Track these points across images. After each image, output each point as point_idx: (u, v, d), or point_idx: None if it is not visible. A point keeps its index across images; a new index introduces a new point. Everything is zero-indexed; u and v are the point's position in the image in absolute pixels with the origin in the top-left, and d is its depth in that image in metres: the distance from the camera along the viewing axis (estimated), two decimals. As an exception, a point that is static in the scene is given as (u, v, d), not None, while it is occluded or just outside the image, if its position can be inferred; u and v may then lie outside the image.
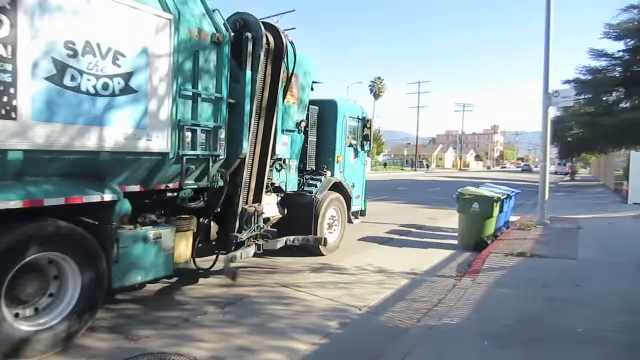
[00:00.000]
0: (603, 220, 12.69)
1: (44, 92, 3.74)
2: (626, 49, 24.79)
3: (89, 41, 4.02)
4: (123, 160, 4.46)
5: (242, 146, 5.77)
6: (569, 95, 11.85)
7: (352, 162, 8.96)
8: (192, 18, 4.99)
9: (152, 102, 4.59)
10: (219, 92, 5.35)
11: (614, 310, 5.06)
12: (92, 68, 4.06)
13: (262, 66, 5.99)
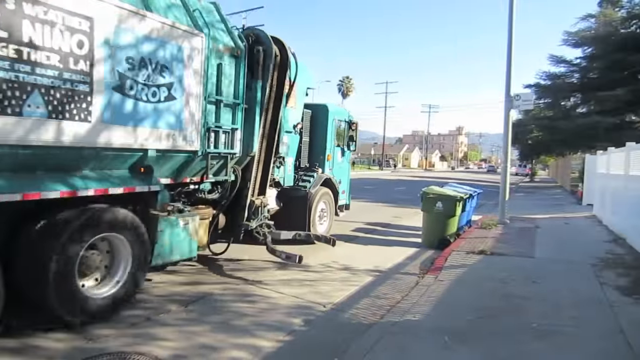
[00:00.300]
0: (559, 220, 13.19)
1: (108, 98, 4.53)
2: (584, 56, 25.87)
3: (143, 57, 4.84)
4: (164, 157, 5.30)
5: (253, 145, 6.72)
6: (530, 99, 12.25)
7: (340, 160, 10.00)
8: (217, 35, 5.93)
9: (187, 107, 5.46)
10: (236, 98, 6.26)
11: (567, 305, 5.28)
12: (145, 79, 4.89)
13: (270, 75, 6.87)
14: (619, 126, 22.30)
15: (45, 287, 4.03)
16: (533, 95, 13.94)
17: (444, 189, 9.96)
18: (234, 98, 6.23)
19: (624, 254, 8.28)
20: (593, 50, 24.56)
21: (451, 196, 9.18)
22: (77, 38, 4.20)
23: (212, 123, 5.90)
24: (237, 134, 6.36)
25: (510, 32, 11.82)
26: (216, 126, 5.96)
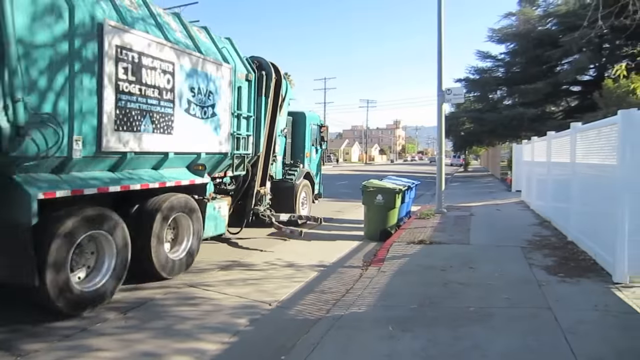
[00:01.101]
0: (492, 207, 13.92)
1: (181, 118, 6.30)
2: (507, 52, 27.41)
3: (200, 86, 6.70)
4: (209, 158, 7.19)
5: (259, 147, 8.85)
6: (460, 93, 12.77)
7: (314, 157, 12.18)
8: (237, 65, 7.98)
9: (222, 121, 7.34)
10: (249, 111, 8.39)
11: (501, 287, 5.58)
12: (200, 102, 6.71)
13: (271, 93, 8.94)
14: (541, 116, 23.88)
15: (149, 252, 5.66)
16: (463, 89, 14.55)
17: (383, 182, 10.19)
18: (247, 111, 8.30)
19: (550, 235, 8.88)
20: (515, 46, 26.13)
21: (390, 189, 9.41)
22: (167, 77, 5.98)
23: (235, 131, 7.85)
24: (250, 138, 8.44)
25: (440, 30, 12.27)
26: (237, 133, 7.94)
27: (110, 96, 5.08)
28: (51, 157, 4.51)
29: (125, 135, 5.31)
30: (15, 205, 4.27)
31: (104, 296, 5.02)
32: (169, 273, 6.01)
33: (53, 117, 4.47)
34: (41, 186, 4.43)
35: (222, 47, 7.66)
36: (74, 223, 4.58)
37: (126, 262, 5.28)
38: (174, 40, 6.25)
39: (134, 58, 5.36)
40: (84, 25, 4.74)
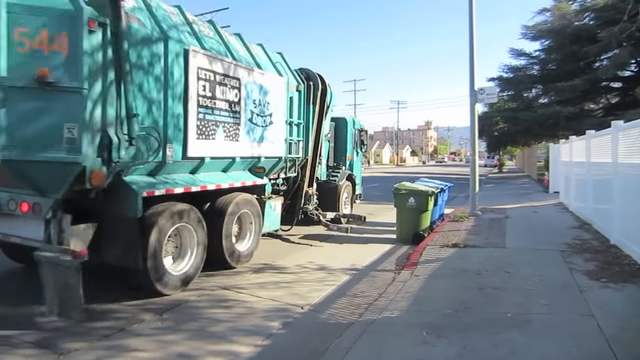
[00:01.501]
0: (528, 209, 13.54)
1: (246, 126, 7.12)
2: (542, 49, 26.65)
3: (260, 98, 7.43)
4: (268, 162, 7.93)
5: (308, 151, 9.55)
6: (493, 93, 12.49)
7: (355, 159, 12.83)
8: (289, 78, 8.73)
9: (278, 128, 8.08)
10: (300, 119, 9.11)
11: (539, 293, 5.40)
12: (260, 111, 7.46)
13: (317, 101, 9.64)
14: (579, 115, 23.08)
15: (220, 244, 6.52)
16: (496, 88, 14.25)
17: (415, 184, 10.06)
18: (298, 119, 9.03)
19: (591, 238, 8.55)
20: (550, 43, 25.36)
21: (423, 191, 9.28)
22: (235, 91, 6.77)
23: (288, 137, 8.57)
24: (300, 143, 9.15)
25: (471, 30, 12.04)
26: (290, 139, 8.67)
27: (193, 110, 5.93)
28: (151, 162, 5.42)
29: (204, 143, 6.18)
30: (125, 201, 5.13)
31: (187, 280, 5.83)
32: (236, 263, 6.89)
33: (154, 129, 5.34)
34: (143, 186, 5.31)
35: (276, 61, 8.50)
36: (167, 217, 5.46)
37: (204, 252, 6.10)
38: (239, 59, 7.07)
39: (210, 77, 6.22)
40: (175, 52, 5.62)
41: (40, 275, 4.65)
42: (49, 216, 4.73)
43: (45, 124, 4.53)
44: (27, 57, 4.45)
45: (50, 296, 4.62)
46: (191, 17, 6.47)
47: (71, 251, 4.55)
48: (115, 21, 4.74)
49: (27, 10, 4.42)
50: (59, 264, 4.52)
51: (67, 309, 4.58)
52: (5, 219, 5.04)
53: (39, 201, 4.75)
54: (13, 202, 4.92)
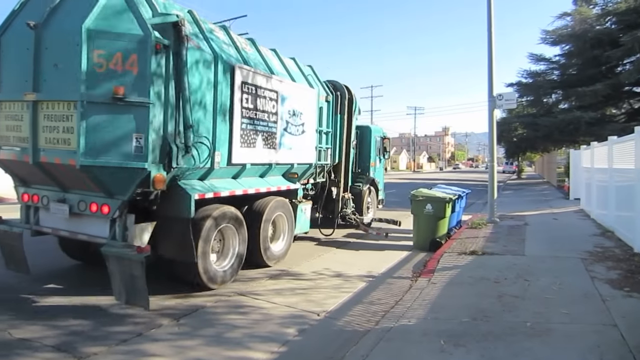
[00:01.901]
0: (548, 216, 13.31)
1: (282, 135, 7.61)
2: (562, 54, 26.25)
3: (294, 108, 7.94)
4: (300, 168, 8.46)
5: (336, 158, 10.10)
6: (512, 99, 12.34)
7: (378, 166, 13.12)
8: (319, 89, 9.23)
9: (310, 136, 8.61)
10: (328, 127, 9.65)
11: (560, 302, 5.29)
12: (293, 121, 7.95)
13: (345, 111, 10.16)
14: (600, 120, 22.63)
15: (258, 244, 7.07)
16: (515, 94, 14.10)
17: (432, 190, 9.98)
18: (327, 127, 9.56)
19: (613, 247, 8.36)
20: (571, 48, 24.94)
21: (440, 198, 9.20)
22: (272, 103, 7.27)
23: (318, 145, 9.06)
24: (329, 151, 9.70)
25: (490, 35, 11.95)
26: (319, 147, 9.16)
27: (237, 121, 6.48)
28: (202, 168, 5.96)
29: (245, 151, 6.73)
30: (180, 203, 5.67)
31: (228, 276, 6.35)
32: (272, 262, 7.43)
33: (206, 138, 5.92)
34: (195, 189, 5.87)
35: (308, 74, 9.06)
36: (214, 218, 6.02)
37: (244, 251, 6.65)
38: (276, 72, 7.59)
39: (252, 90, 6.75)
40: (223, 69, 6.15)
41: (108, 268, 5.15)
42: (116, 215, 5.30)
43: (117, 134, 5.08)
44: (103, 76, 4.99)
45: (118, 286, 5.13)
46: (235, 36, 7.08)
47: (136, 247, 5.09)
48: (176, 43, 5.31)
49: (105, 35, 4.99)
50: (124, 258, 5.03)
51: (135, 297, 5.03)
52: (74, 219, 5.62)
53: (107, 202, 5.33)
54: (83, 203, 5.49)
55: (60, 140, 5.17)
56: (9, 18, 5.72)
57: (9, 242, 6.13)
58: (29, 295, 5.67)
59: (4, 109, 5.68)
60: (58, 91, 5.14)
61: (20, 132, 5.50)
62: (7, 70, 5.66)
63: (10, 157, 5.66)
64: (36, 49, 5.21)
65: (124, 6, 5.14)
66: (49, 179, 5.57)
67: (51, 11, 5.26)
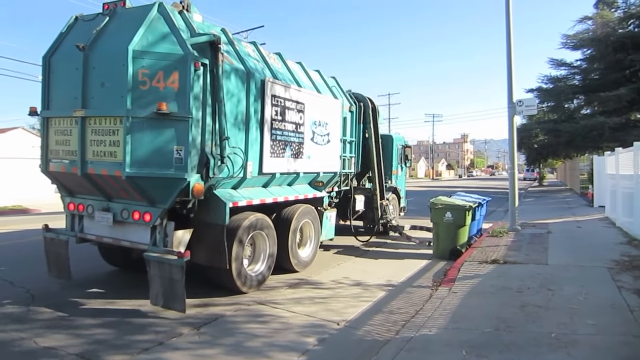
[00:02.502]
0: (571, 224, 13.03)
1: (308, 145, 7.90)
2: (584, 58, 25.81)
3: (319, 119, 8.24)
4: (325, 176, 8.75)
5: (359, 166, 10.40)
6: (533, 104, 12.17)
7: (400, 174, 13.32)
8: (343, 99, 9.55)
9: (335, 146, 8.91)
10: (352, 137, 9.91)
11: (586, 312, 5.17)
12: (319, 131, 8.24)
13: (370, 120, 10.44)
14: (625, 125, 22.12)
15: (287, 250, 7.30)
16: (536, 100, 13.87)
17: (452, 198, 9.88)
18: (350, 137, 9.82)
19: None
20: (592, 52, 24.52)
21: (460, 206, 9.10)
22: (299, 114, 7.56)
23: (342, 154, 9.34)
24: (353, 159, 9.99)
25: (509, 41, 11.84)
26: (344, 155, 9.44)
27: (267, 132, 6.77)
28: (235, 177, 6.26)
29: (275, 161, 7.03)
30: (216, 211, 5.96)
31: (262, 280, 6.68)
32: (300, 268, 7.64)
33: (239, 149, 6.23)
34: (230, 198, 6.15)
35: (332, 85, 9.35)
36: (247, 225, 6.30)
37: (274, 256, 6.90)
38: (303, 85, 7.90)
39: (281, 102, 7.07)
40: (255, 83, 6.47)
41: (148, 272, 5.44)
42: (157, 223, 5.59)
43: (159, 146, 5.43)
44: (147, 93, 5.35)
45: (156, 290, 5.38)
46: (264, 51, 7.37)
47: (176, 252, 5.34)
48: (212, 61, 5.69)
49: (149, 55, 5.37)
50: (165, 263, 5.31)
51: (172, 301, 5.27)
52: (117, 227, 5.95)
53: (149, 210, 5.64)
54: (126, 212, 5.81)
55: (106, 153, 5.52)
56: (57, 40, 6.12)
57: (54, 250, 6.42)
58: (58, 303, 5.79)
59: (53, 125, 6.05)
60: (105, 107, 5.52)
61: (69, 146, 5.86)
62: (56, 88, 6.06)
63: (59, 169, 6.00)
64: (84, 68, 5.58)
65: (165, 28, 5.54)
66: (94, 189, 5.92)
67: (98, 34, 5.63)
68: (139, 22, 5.45)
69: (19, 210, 17.50)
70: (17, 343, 4.54)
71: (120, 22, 5.71)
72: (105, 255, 7.40)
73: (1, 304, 5.70)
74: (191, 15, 5.92)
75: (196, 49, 5.50)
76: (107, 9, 5.84)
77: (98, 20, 5.82)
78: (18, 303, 5.77)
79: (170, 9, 5.68)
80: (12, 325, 5.02)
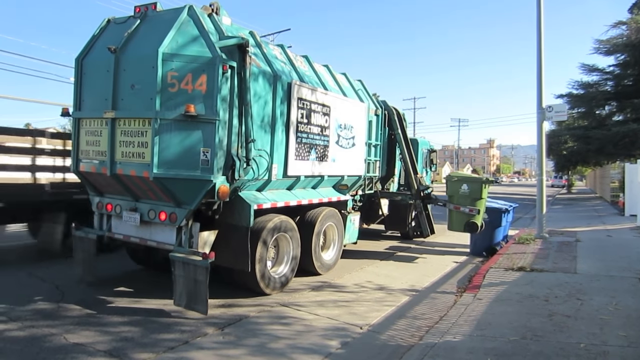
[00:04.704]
0: (601, 233, 12.68)
1: (333, 148, 7.84)
2: (617, 64, 25.11)
3: (345, 122, 8.16)
4: (350, 179, 8.65)
5: (383, 170, 10.55)
6: (563, 110, 11.90)
7: (425, 178, 12.43)
8: (369, 103, 9.51)
9: (360, 149, 8.83)
10: (377, 140, 9.94)
11: (616, 323, 5.02)
12: (344, 135, 8.17)
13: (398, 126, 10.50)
14: (660, 133, 21.41)
15: (310, 253, 7.34)
16: (566, 106, 13.56)
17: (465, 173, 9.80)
18: (376, 140, 9.83)
19: (674, 267, 7.86)
20: (626, 57, 23.84)
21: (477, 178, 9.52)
22: (325, 117, 7.54)
23: (367, 157, 9.31)
24: (377, 163, 10.04)
25: (539, 46, 11.63)
26: (368, 159, 9.44)
27: (293, 134, 6.76)
28: (260, 180, 6.26)
29: (300, 163, 7.01)
30: (240, 213, 5.98)
31: (286, 282, 6.69)
32: (323, 271, 7.66)
33: (265, 151, 6.25)
34: (254, 200, 6.15)
35: (358, 89, 9.32)
36: (271, 227, 6.33)
37: (297, 259, 6.94)
38: (329, 88, 7.87)
39: (307, 105, 7.05)
40: (282, 86, 6.49)
41: (173, 273, 5.48)
42: (182, 224, 5.64)
43: (186, 148, 5.48)
44: (175, 95, 5.40)
45: (180, 291, 5.42)
46: (291, 53, 7.39)
47: (201, 253, 5.36)
48: (240, 63, 5.70)
49: (178, 58, 5.42)
50: (190, 264, 5.34)
51: (194, 302, 5.30)
52: (144, 227, 6.04)
53: (175, 211, 5.68)
54: (152, 212, 5.87)
55: (135, 154, 5.61)
56: (90, 42, 6.28)
57: (83, 248, 6.57)
58: (87, 300, 5.94)
59: (84, 126, 6.20)
60: (134, 109, 5.60)
61: (99, 147, 5.99)
62: (88, 90, 6.20)
63: (89, 169, 6.14)
64: (115, 70, 5.70)
65: (195, 31, 5.59)
66: (123, 189, 6.01)
67: (129, 36, 5.75)
68: (169, 25, 5.53)
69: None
70: (48, 339, 4.66)
71: (151, 25, 5.80)
72: (131, 254, 7.55)
73: (33, 300, 5.87)
74: (220, 18, 5.98)
75: (224, 52, 5.53)
76: (139, 12, 5.95)
77: (129, 23, 5.94)
78: (49, 300, 5.93)
79: (200, 12, 5.75)
80: (43, 321, 5.16)
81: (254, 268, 6.01)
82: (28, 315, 5.34)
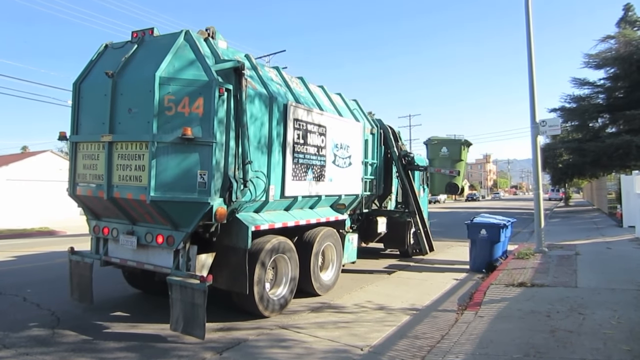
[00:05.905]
0: (601, 245, 12.64)
1: (330, 168, 7.88)
2: (607, 77, 25.47)
3: (341, 142, 8.25)
4: (347, 199, 8.70)
5: (380, 188, 10.52)
6: (556, 124, 11.98)
7: (422, 195, 13.04)
8: (365, 122, 9.59)
9: (356, 168, 8.86)
10: (373, 159, 10.04)
11: (619, 338, 4.97)
12: (341, 154, 8.22)
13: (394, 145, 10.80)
14: (653, 143, 21.56)
15: (309, 273, 7.23)
16: (559, 120, 13.59)
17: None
18: (372, 159, 9.93)
19: (675, 278, 7.82)
20: (616, 70, 24.20)
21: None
22: (321, 137, 7.61)
23: (364, 176, 9.39)
24: (374, 181, 10.06)
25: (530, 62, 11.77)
26: (365, 178, 9.51)
27: (289, 155, 6.82)
28: (257, 201, 6.27)
29: (297, 184, 7.05)
30: (238, 234, 5.97)
31: (285, 304, 6.62)
32: (322, 291, 7.58)
33: (262, 173, 6.28)
34: (252, 221, 6.18)
35: (354, 108, 9.45)
36: (269, 249, 6.27)
37: (296, 280, 6.87)
38: (325, 108, 7.97)
39: (303, 126, 7.13)
40: (278, 108, 6.57)
41: (170, 296, 5.40)
42: (180, 247, 5.62)
43: (183, 171, 5.50)
44: (172, 118, 5.44)
45: (177, 315, 5.33)
46: (286, 75, 7.49)
47: (199, 276, 5.30)
48: (236, 86, 5.77)
49: (175, 82, 5.48)
50: (187, 287, 5.28)
51: (191, 327, 5.21)
52: (140, 250, 6.01)
53: (172, 234, 5.66)
54: (150, 235, 5.85)
55: (132, 177, 5.62)
56: (87, 67, 6.36)
57: (79, 272, 6.50)
58: (82, 326, 5.84)
59: (81, 149, 6.22)
60: (131, 133, 5.62)
61: (96, 170, 6.00)
62: (85, 114, 6.24)
63: (86, 192, 6.13)
64: (112, 94, 5.74)
65: (191, 55, 5.67)
66: (120, 213, 5.99)
67: (126, 61, 5.83)
68: (166, 49, 5.60)
69: (45, 232, 17.94)
70: (43, 366, 4.57)
71: (148, 49, 5.88)
72: (128, 278, 7.48)
73: (28, 327, 5.79)
74: (216, 42, 6.07)
75: (221, 75, 5.61)
76: (136, 37, 6.05)
77: (127, 47, 6.02)
78: (44, 326, 5.84)
79: (196, 37, 5.84)
80: (38, 348, 5.07)
81: (252, 290, 5.95)
82: (22, 342, 5.25)
